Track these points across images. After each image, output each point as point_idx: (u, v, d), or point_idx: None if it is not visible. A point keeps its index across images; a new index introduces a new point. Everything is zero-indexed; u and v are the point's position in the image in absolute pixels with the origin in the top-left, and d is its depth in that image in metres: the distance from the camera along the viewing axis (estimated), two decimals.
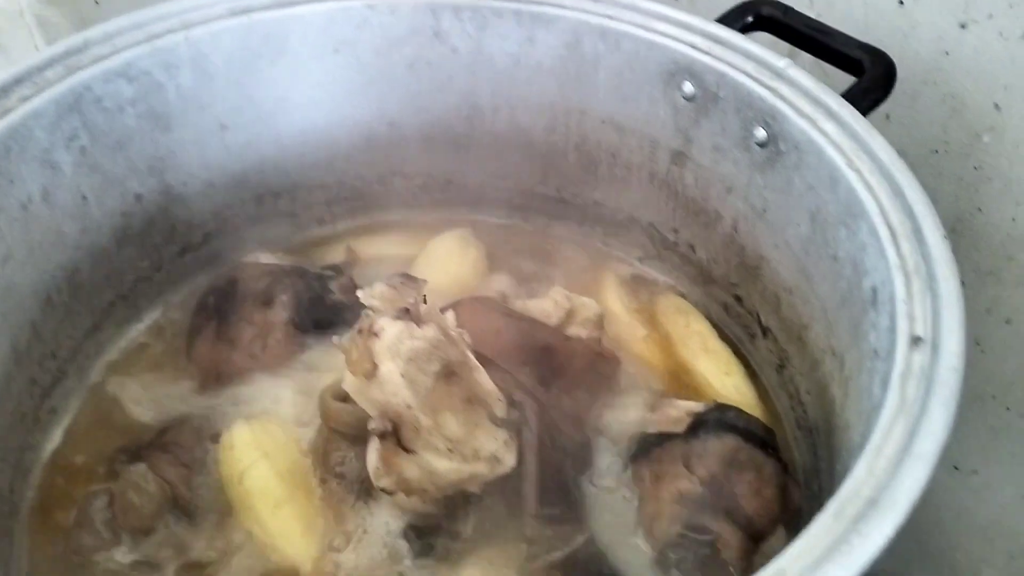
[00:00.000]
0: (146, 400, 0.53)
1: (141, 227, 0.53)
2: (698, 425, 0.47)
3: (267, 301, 0.54)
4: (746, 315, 0.53)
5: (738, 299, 0.54)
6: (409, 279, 0.43)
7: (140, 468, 0.46)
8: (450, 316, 0.45)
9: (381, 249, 0.62)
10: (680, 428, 0.47)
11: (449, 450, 0.40)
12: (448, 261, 0.59)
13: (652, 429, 0.49)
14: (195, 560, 0.45)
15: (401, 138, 0.60)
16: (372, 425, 0.40)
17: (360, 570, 0.44)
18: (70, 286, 0.50)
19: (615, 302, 0.57)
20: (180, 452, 0.48)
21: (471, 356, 0.42)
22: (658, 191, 0.55)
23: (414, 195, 0.63)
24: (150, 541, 0.45)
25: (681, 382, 0.53)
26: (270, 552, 0.45)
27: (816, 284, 0.44)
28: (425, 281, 0.43)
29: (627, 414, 0.50)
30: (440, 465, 0.40)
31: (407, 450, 0.41)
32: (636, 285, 0.60)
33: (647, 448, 0.48)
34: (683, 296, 0.58)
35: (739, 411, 0.47)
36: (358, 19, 0.53)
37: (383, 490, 0.42)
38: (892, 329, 0.33)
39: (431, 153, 0.60)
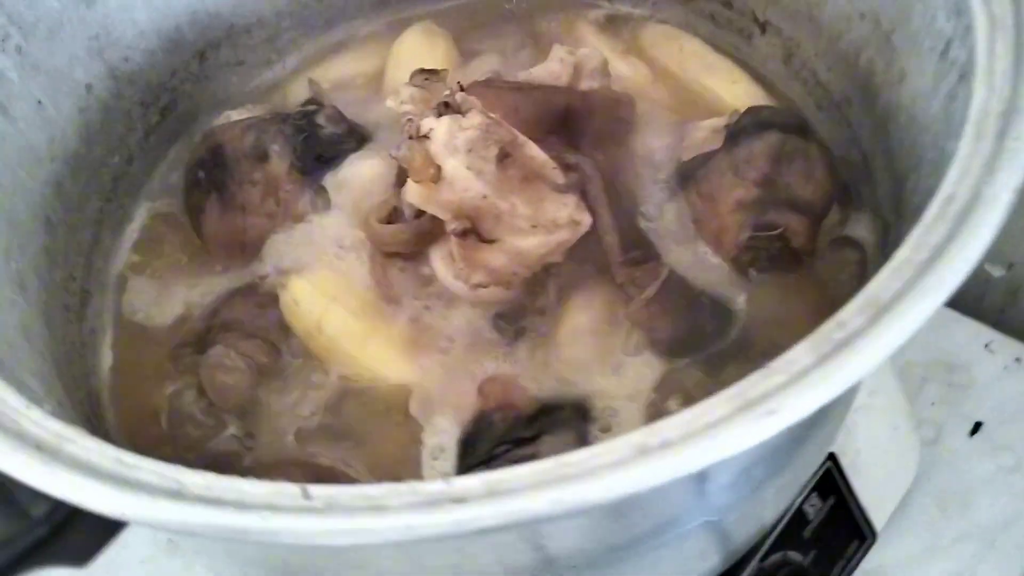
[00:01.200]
0: (177, 297, 0.51)
1: (101, 119, 0.49)
2: (736, 134, 0.47)
3: (261, 156, 0.51)
4: (739, 18, 0.53)
5: (727, 4, 0.53)
6: (431, 73, 0.40)
7: (218, 350, 0.45)
8: (475, 100, 0.43)
9: (343, 72, 0.58)
10: (717, 143, 0.48)
11: (532, 227, 0.40)
12: (419, 60, 0.56)
13: (687, 156, 0.50)
14: (305, 414, 0.45)
15: None
16: (451, 227, 0.39)
17: (463, 367, 0.45)
18: (61, 202, 0.46)
19: (602, 46, 0.56)
20: (244, 325, 0.47)
21: (518, 133, 0.41)
22: None
23: (356, 3, 0.59)
24: (255, 412, 0.45)
25: (693, 106, 0.53)
26: (374, 382, 0.45)
27: None
28: (447, 70, 0.41)
29: (656, 149, 0.51)
30: (527, 243, 0.40)
31: (488, 241, 0.41)
32: (613, 26, 0.58)
33: (690, 173, 0.48)
34: (665, 23, 0.56)
35: (770, 108, 0.48)
36: None
37: (478, 286, 0.42)
38: None
39: None
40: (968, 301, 0.69)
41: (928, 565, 0.53)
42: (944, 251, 0.24)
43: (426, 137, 0.38)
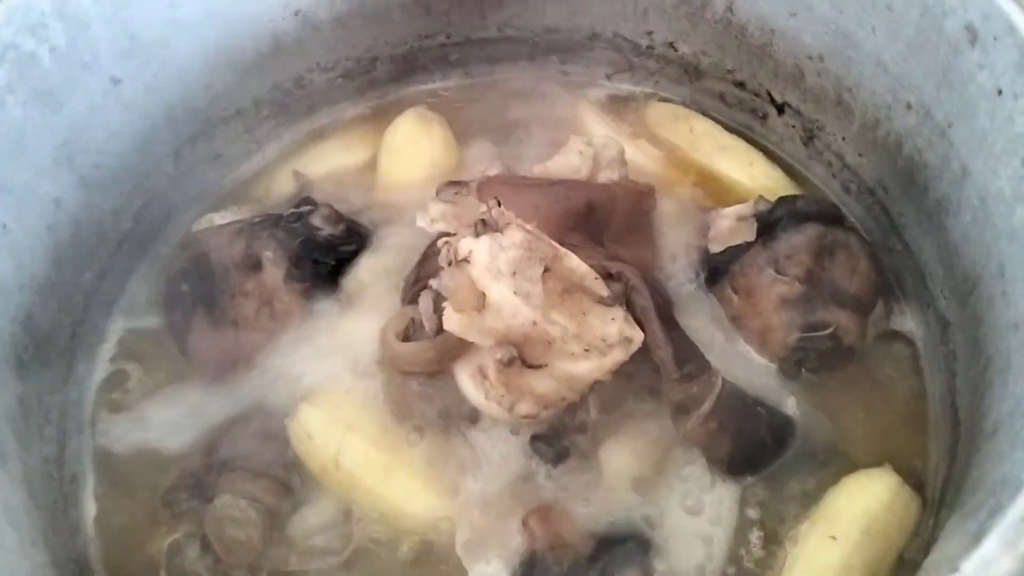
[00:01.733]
0: (162, 427, 0.45)
1: (71, 235, 0.43)
2: (771, 226, 0.45)
3: (253, 264, 0.46)
4: (751, 99, 0.50)
5: (739, 84, 0.51)
6: (459, 185, 0.36)
7: (226, 500, 0.40)
8: (501, 208, 0.39)
9: (329, 162, 0.54)
10: (750, 236, 0.45)
11: (585, 350, 0.36)
12: (414, 147, 0.52)
13: (716, 247, 0.47)
14: (326, 566, 0.40)
15: (311, 26, 0.50)
16: (497, 355, 0.35)
17: (502, 499, 0.41)
18: (31, 336, 0.40)
19: (611, 132, 0.53)
20: (249, 462, 0.42)
21: (556, 245, 0.37)
22: None
23: (339, 88, 0.55)
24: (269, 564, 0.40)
25: (708, 188, 0.51)
26: (400, 520, 0.40)
27: (861, 41, 0.41)
28: (475, 181, 0.37)
29: (687, 239, 0.48)
30: (580, 368, 0.37)
31: (534, 366, 0.37)
32: (615, 106, 0.55)
33: (723, 266, 0.46)
34: (669, 101, 0.54)
35: (804, 197, 0.46)
36: None
37: (525, 417, 0.38)
38: (1020, 63, 0.31)
39: (346, 33, 0.51)
40: None
41: None
42: None
43: (465, 261, 0.34)
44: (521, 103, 0.55)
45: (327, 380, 0.44)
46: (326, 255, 0.47)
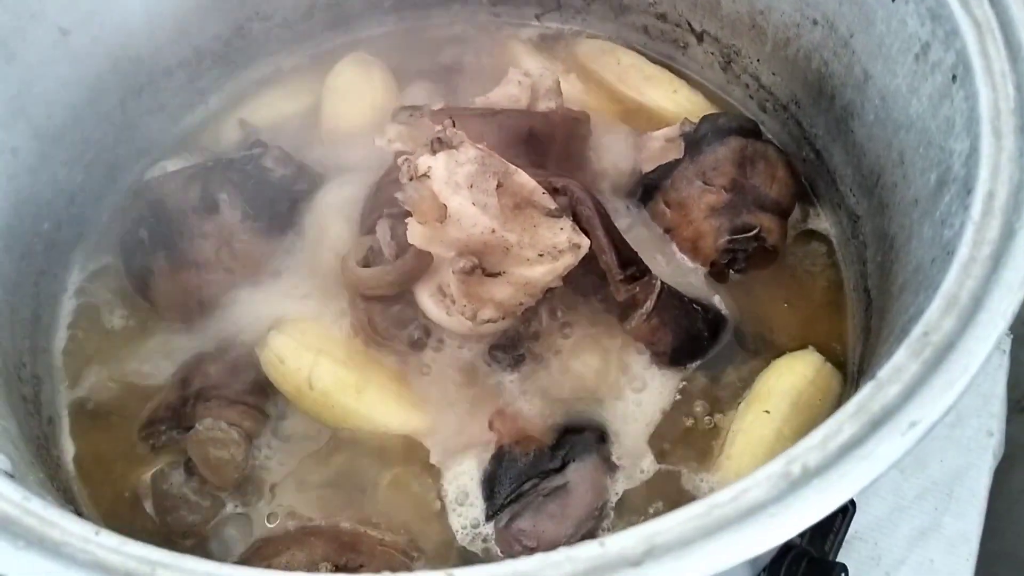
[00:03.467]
0: (129, 368, 0.47)
1: (28, 185, 0.44)
2: (696, 142, 0.49)
3: (209, 207, 0.48)
4: (674, 29, 0.54)
5: (661, 16, 0.54)
6: (414, 108, 0.39)
7: (207, 423, 0.42)
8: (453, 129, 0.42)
9: (274, 110, 0.56)
10: (674, 152, 0.49)
11: (539, 255, 0.39)
12: (356, 91, 0.54)
13: (648, 167, 0.50)
14: (309, 478, 0.43)
15: None
16: (458, 264, 0.38)
17: (468, 405, 0.44)
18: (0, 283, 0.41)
19: (545, 67, 0.55)
20: (224, 392, 0.44)
21: (507, 162, 0.40)
22: None
23: (278, 37, 0.56)
24: (253, 483, 0.42)
25: (638, 117, 0.54)
26: (375, 432, 0.43)
27: None
28: (429, 105, 0.40)
29: (616, 162, 0.51)
30: (535, 273, 0.40)
31: (493, 275, 0.40)
32: (546, 44, 0.58)
33: (655, 183, 0.49)
34: (597, 37, 0.57)
35: (725, 115, 0.50)
36: None
37: (487, 322, 0.41)
38: None
39: None
40: None
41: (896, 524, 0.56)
42: (1004, 253, 0.26)
43: (425, 176, 0.37)
44: (456, 45, 0.58)
45: (293, 310, 0.46)
46: (280, 194, 0.49)
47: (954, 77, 0.32)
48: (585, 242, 0.41)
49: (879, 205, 0.41)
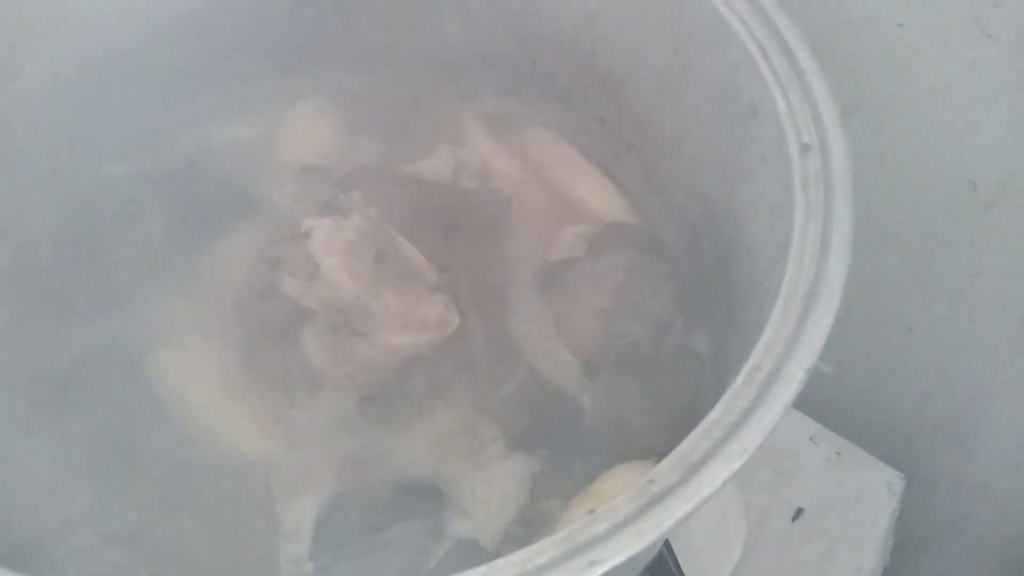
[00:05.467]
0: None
1: None
2: (598, 246, 0.52)
3: (139, 215, 0.51)
4: (610, 135, 0.57)
5: (600, 120, 0.57)
6: (318, 170, 0.42)
7: None
8: (356, 196, 0.45)
9: (231, 134, 0.59)
10: (581, 252, 0.52)
11: (403, 326, 0.42)
12: (308, 136, 0.58)
13: (554, 258, 0.54)
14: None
15: (228, 8, 0.56)
16: (325, 320, 0.41)
17: (325, 447, 0.47)
18: None
19: (485, 145, 0.59)
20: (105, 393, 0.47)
21: (396, 234, 0.44)
22: (513, 25, 0.56)
23: (248, 67, 0.60)
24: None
25: (564, 209, 0.57)
26: (231, 455, 0.46)
27: (684, 102, 0.48)
28: (330, 169, 0.43)
29: (526, 249, 0.54)
30: (396, 340, 0.43)
31: (359, 334, 0.43)
32: (497, 123, 0.62)
33: (555, 275, 0.52)
34: (547, 127, 0.61)
35: (629, 226, 0.53)
36: None
37: (345, 376, 0.44)
38: (780, 139, 0.38)
39: (263, 19, 0.57)
40: (800, 393, 0.76)
41: None
42: (748, 417, 0.29)
43: (306, 235, 0.40)
44: (412, 106, 0.61)
45: (187, 324, 0.49)
46: (208, 217, 0.52)
47: (781, 246, 0.35)
48: (454, 320, 0.44)
49: (734, 341, 0.44)
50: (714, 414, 0.29)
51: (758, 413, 0.28)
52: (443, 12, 0.57)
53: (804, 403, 0.73)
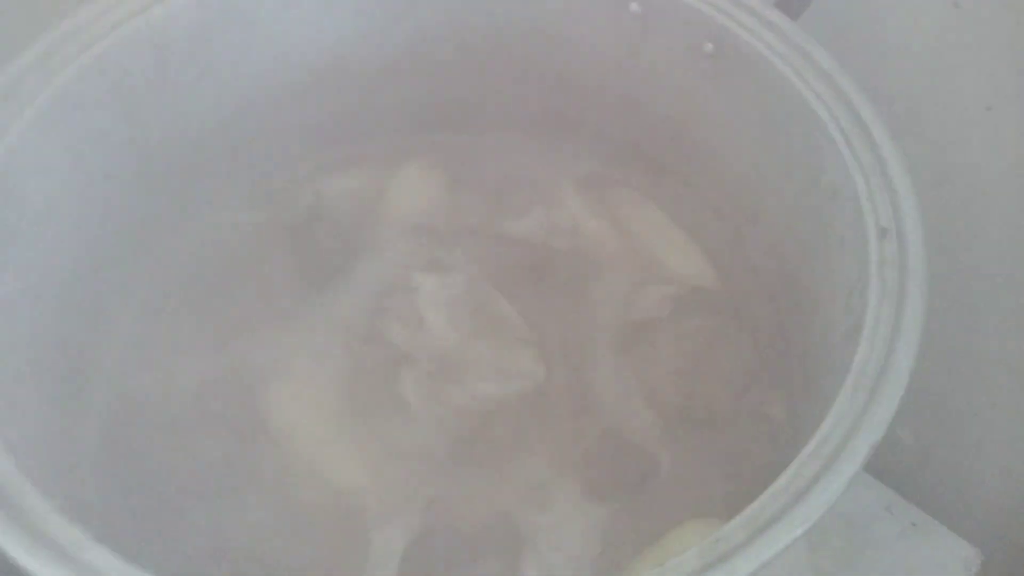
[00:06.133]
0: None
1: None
2: (680, 308, 0.55)
3: (262, 259, 0.57)
4: (698, 201, 0.60)
5: (690, 186, 0.60)
6: (427, 229, 0.47)
7: None
8: (459, 254, 0.50)
9: (344, 186, 0.65)
10: (664, 313, 0.55)
11: (494, 375, 0.46)
12: (416, 192, 0.63)
13: (636, 317, 0.57)
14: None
15: (353, 76, 0.61)
16: (425, 367, 0.45)
17: (417, 483, 0.50)
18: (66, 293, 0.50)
19: (577, 206, 0.63)
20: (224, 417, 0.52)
21: (493, 290, 0.48)
22: (608, 97, 0.60)
23: (369, 129, 0.65)
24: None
25: (650, 268, 0.61)
26: (331, 484, 0.50)
27: (771, 178, 0.51)
28: (437, 228, 0.48)
29: (612, 307, 0.58)
30: (487, 388, 0.47)
31: (454, 382, 0.47)
32: (592, 185, 0.65)
33: (638, 334, 0.55)
34: (636, 190, 0.64)
35: (711, 291, 0.56)
36: None
37: (438, 419, 0.48)
38: (859, 222, 0.41)
39: (383, 86, 0.62)
40: (878, 461, 0.76)
41: None
42: (814, 486, 0.31)
43: (414, 289, 0.44)
44: (510, 170, 0.66)
45: (300, 360, 0.54)
46: (323, 262, 0.58)
47: (855, 326, 0.38)
48: (541, 372, 0.48)
49: (808, 410, 0.46)
50: (782, 481, 0.31)
51: (823, 483, 0.31)
52: (544, 83, 0.62)
53: (882, 471, 0.73)
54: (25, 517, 0.31)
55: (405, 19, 0.59)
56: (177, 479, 0.49)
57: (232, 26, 0.53)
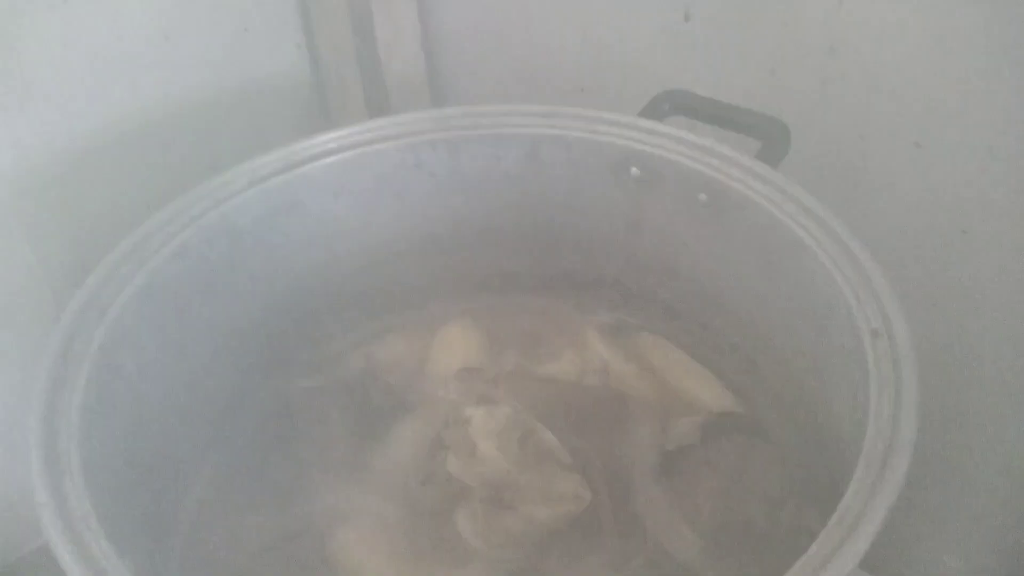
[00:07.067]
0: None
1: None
2: (709, 433, 0.59)
3: (323, 419, 0.62)
4: (713, 338, 0.66)
5: (704, 327, 0.67)
6: (473, 371, 0.53)
7: None
8: (502, 391, 0.55)
9: (392, 350, 0.71)
10: (695, 440, 0.60)
11: (544, 497, 0.50)
12: (457, 348, 0.69)
13: (670, 446, 0.61)
14: None
15: (395, 255, 0.70)
16: (481, 494, 0.50)
17: None
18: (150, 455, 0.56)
19: (604, 349, 0.69)
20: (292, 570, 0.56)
21: (535, 421, 0.53)
22: (620, 254, 0.68)
23: (408, 297, 0.73)
24: None
25: (676, 402, 0.65)
26: None
27: (773, 306, 0.57)
28: (484, 370, 0.54)
29: (645, 438, 0.62)
30: (539, 512, 0.50)
31: (507, 508, 0.51)
32: (614, 332, 0.72)
33: (672, 461, 0.59)
34: (656, 333, 0.70)
35: (736, 415, 0.60)
36: (353, 166, 0.63)
37: (494, 547, 0.51)
38: (853, 328, 0.46)
39: (421, 262, 0.71)
40: None
41: None
42: (840, 549, 0.35)
43: (466, 422, 0.50)
44: (541, 323, 0.73)
45: (363, 507, 0.58)
46: (377, 418, 0.63)
47: (863, 414, 0.42)
48: (587, 496, 0.52)
49: None
50: (812, 548, 0.35)
51: (847, 546, 0.34)
52: (562, 248, 0.70)
53: None
54: None
55: (437, 204, 0.68)
56: None
57: (292, 214, 0.62)
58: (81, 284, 0.52)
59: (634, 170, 0.62)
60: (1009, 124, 0.59)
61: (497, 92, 0.89)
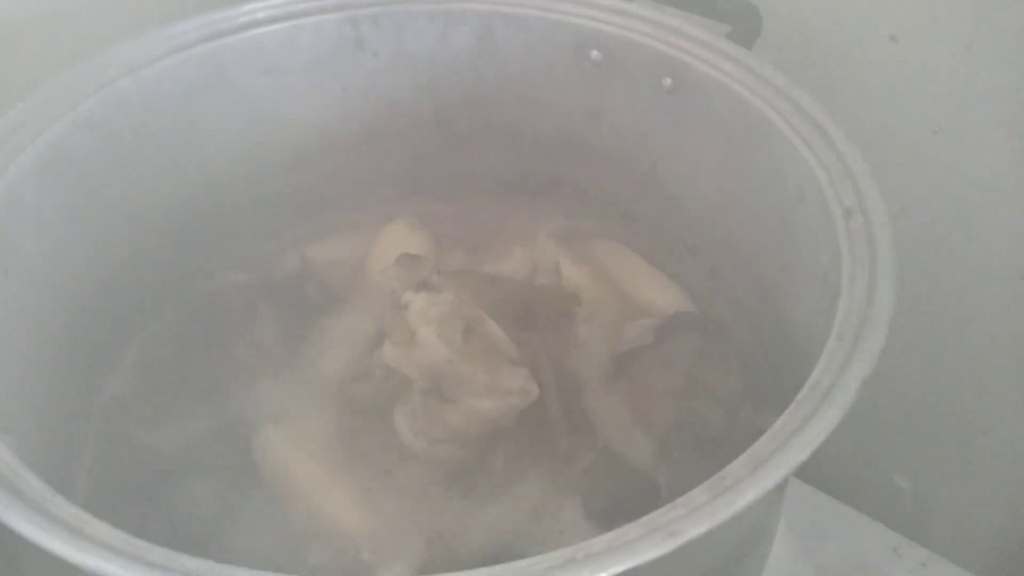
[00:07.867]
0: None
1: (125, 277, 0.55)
2: (665, 334, 0.56)
3: (252, 314, 0.58)
4: (672, 240, 0.63)
5: (661, 228, 0.63)
6: (414, 257, 0.48)
7: None
8: (447, 283, 0.51)
9: (330, 251, 0.67)
10: (649, 340, 0.56)
11: (489, 391, 0.46)
12: (399, 248, 0.64)
13: (623, 348, 0.58)
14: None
15: (332, 146, 0.64)
16: (419, 384, 0.46)
17: (415, 520, 0.49)
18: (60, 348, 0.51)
19: (555, 253, 0.65)
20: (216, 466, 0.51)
21: (481, 312, 0.49)
22: (578, 151, 0.63)
23: (349, 197, 0.68)
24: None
25: (629, 307, 0.62)
26: (331, 527, 0.49)
27: (738, 200, 0.53)
28: (427, 257, 0.49)
29: (596, 340, 0.59)
30: (483, 405, 0.47)
31: (449, 400, 0.47)
32: (568, 236, 0.68)
33: (626, 363, 0.56)
34: (611, 238, 0.67)
35: (693, 314, 0.57)
36: (285, 39, 0.58)
37: (437, 440, 0.47)
38: (825, 210, 0.43)
39: (363, 155, 0.65)
40: (880, 509, 0.75)
41: None
42: (809, 422, 0.32)
43: (405, 307, 0.45)
44: (492, 227, 0.68)
45: (291, 410, 0.54)
46: (310, 315, 0.59)
47: (834, 295, 0.39)
48: (535, 390, 0.48)
49: None
50: (780, 421, 0.32)
51: (818, 417, 0.31)
52: (517, 145, 0.65)
53: (886, 516, 0.73)
54: (26, 496, 0.30)
55: (380, 88, 0.63)
56: (169, 526, 0.48)
57: (216, 90, 0.56)
58: None
59: (595, 53, 0.57)
60: (986, 21, 0.55)
61: None
